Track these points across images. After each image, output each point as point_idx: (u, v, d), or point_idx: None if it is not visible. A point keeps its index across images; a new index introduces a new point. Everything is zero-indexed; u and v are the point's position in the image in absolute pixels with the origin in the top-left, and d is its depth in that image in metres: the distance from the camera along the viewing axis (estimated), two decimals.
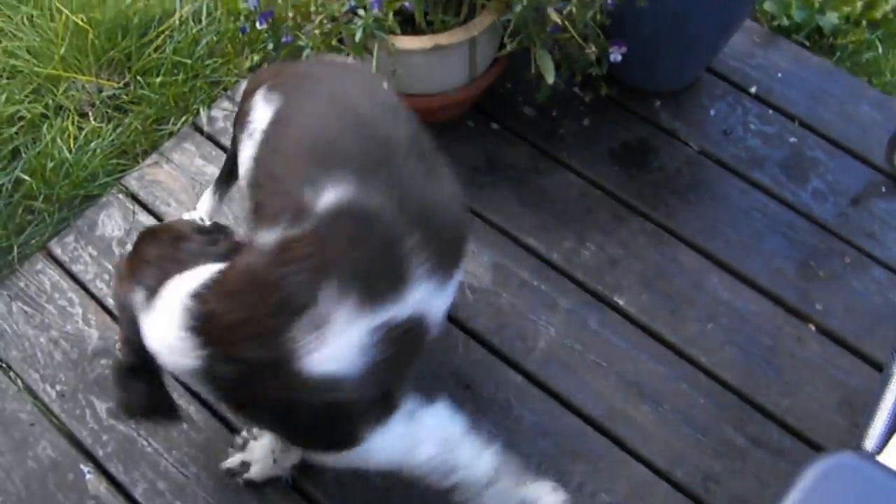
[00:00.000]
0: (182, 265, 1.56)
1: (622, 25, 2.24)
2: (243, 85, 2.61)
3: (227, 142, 2.53)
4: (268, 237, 1.49)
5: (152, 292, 1.53)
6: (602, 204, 2.38)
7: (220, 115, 2.59)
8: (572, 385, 2.11)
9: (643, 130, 2.51)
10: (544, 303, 2.22)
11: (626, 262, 2.29)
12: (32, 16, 2.81)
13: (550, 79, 2.21)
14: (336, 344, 1.41)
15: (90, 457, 2.07)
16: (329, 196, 1.48)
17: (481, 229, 2.34)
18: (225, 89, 2.65)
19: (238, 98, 2.57)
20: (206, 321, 1.45)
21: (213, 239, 1.64)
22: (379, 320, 1.45)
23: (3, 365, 2.20)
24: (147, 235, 1.68)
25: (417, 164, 1.59)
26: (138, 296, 1.56)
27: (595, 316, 2.20)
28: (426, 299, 1.52)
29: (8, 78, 2.68)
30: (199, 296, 1.47)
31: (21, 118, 2.59)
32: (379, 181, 1.51)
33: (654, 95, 2.56)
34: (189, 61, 2.63)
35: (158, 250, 1.61)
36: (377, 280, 1.47)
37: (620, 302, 2.22)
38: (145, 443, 2.06)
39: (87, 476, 2.04)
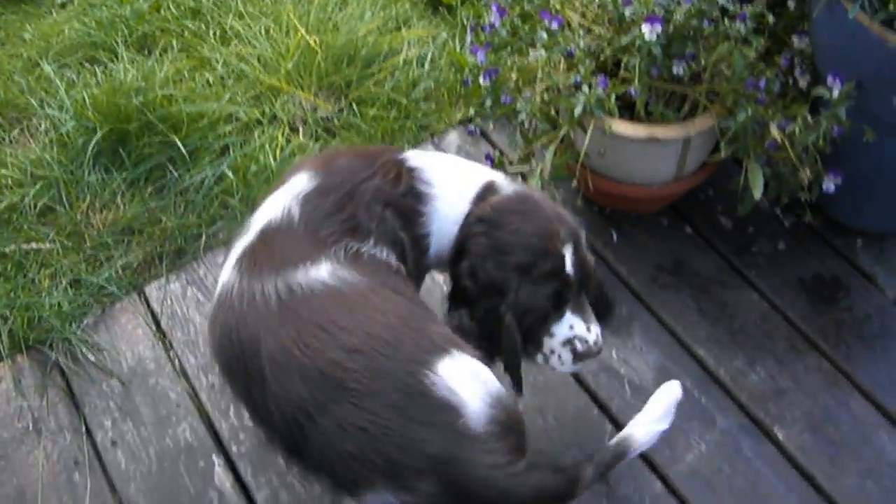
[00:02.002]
0: None
1: (842, 155, 2.18)
2: (451, 134, 2.68)
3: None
4: None
5: None
6: (781, 331, 2.30)
7: None
8: None
9: (839, 267, 2.42)
10: (701, 417, 2.15)
11: (794, 396, 2.19)
12: (269, 28, 2.97)
13: (758, 194, 2.17)
14: None
15: (224, 451, 2.12)
16: None
17: (653, 328, 2.30)
18: (432, 135, 2.72)
19: (443, 146, 2.64)
20: None
21: None
22: None
23: (167, 342, 2.30)
24: None
25: None
26: None
27: (750, 442, 2.11)
28: None
29: (235, 80, 2.82)
30: None
31: (237, 119, 2.73)
32: None
33: (858, 233, 2.47)
34: (404, 101, 2.71)
35: None
36: None
37: (780, 435, 2.12)
38: None
39: (217, 468, 2.10)
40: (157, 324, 2.34)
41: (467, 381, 1.53)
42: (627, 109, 2.21)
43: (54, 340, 2.31)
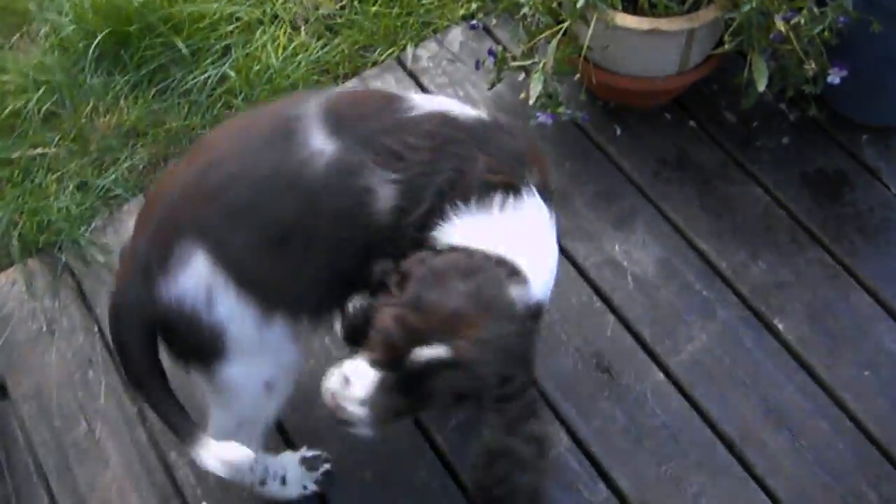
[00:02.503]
0: None
1: (848, 48, 2.15)
2: (454, 30, 2.66)
3: (427, 82, 2.59)
4: None
5: None
6: (784, 225, 2.31)
7: (424, 55, 2.64)
8: (712, 396, 2.07)
9: (843, 162, 2.42)
10: (703, 309, 2.19)
11: (794, 289, 2.22)
12: None
13: (762, 87, 2.15)
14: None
15: None
16: None
17: (655, 221, 2.32)
18: (435, 31, 2.70)
19: (446, 43, 2.62)
20: None
21: None
22: None
23: None
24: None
25: None
26: None
27: (751, 334, 2.15)
28: None
29: None
30: None
31: (238, 19, 2.71)
32: None
33: (863, 128, 2.46)
34: None
35: None
36: None
37: (780, 326, 2.16)
38: None
39: None
40: None
41: None
42: (631, 2, 2.19)
43: (64, 243, 2.34)
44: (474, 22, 2.57)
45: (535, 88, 2.17)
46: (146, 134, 2.52)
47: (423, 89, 2.55)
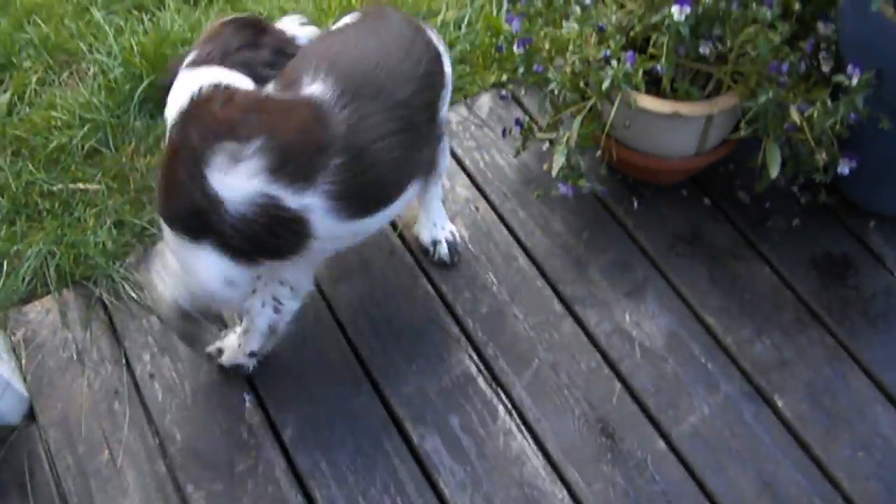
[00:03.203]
0: (227, 61, 1.98)
1: (859, 139, 2.25)
2: (483, 96, 2.77)
3: (455, 145, 2.69)
4: (270, 88, 1.94)
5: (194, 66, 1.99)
6: (789, 304, 2.39)
7: (454, 118, 2.75)
8: (710, 467, 2.14)
9: (850, 246, 2.51)
10: (707, 381, 2.26)
11: (796, 367, 2.29)
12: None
13: (774, 173, 2.25)
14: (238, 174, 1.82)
15: (254, 389, 2.27)
16: (311, 88, 1.86)
17: (666, 294, 2.41)
18: (465, 97, 2.81)
19: (475, 108, 2.73)
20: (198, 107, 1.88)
21: (270, 63, 2.02)
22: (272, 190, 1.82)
23: None
24: (244, 22, 2.09)
25: (398, 119, 1.92)
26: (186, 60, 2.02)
27: (751, 409, 2.22)
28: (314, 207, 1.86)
29: None
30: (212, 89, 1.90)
31: None
32: (354, 106, 1.86)
33: (871, 215, 2.55)
34: None
35: (230, 37, 2.03)
36: (288, 162, 1.82)
37: (780, 403, 2.23)
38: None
39: (247, 405, 2.24)
40: None
41: None
42: (654, 84, 2.29)
43: (98, 277, 2.44)
44: (504, 92, 2.69)
45: (559, 160, 2.27)
46: None
47: (451, 152, 2.64)
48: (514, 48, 2.34)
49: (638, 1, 2.29)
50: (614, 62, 2.18)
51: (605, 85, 2.17)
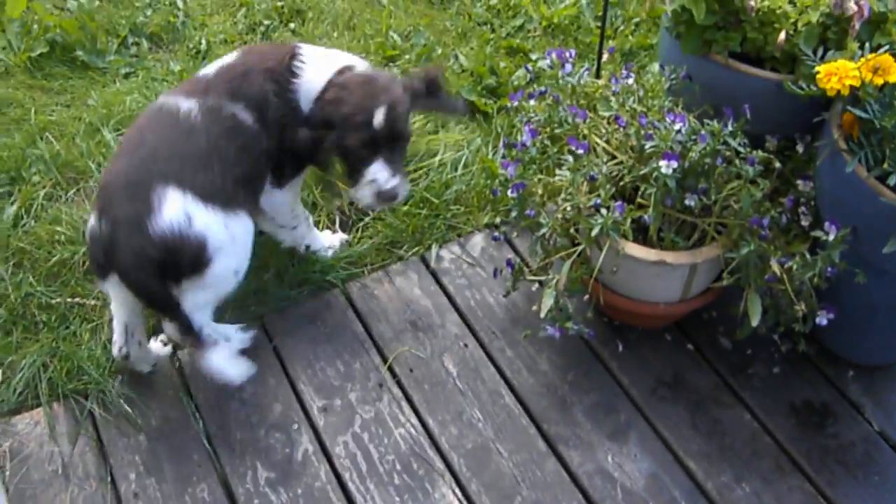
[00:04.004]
0: None
1: (837, 292, 2.34)
2: (477, 236, 2.86)
3: (447, 282, 2.78)
4: None
5: None
6: (769, 452, 2.43)
7: (447, 256, 2.84)
8: None
9: (829, 395, 2.56)
10: None
11: None
12: None
13: (755, 322, 2.32)
14: None
15: None
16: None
17: (648, 437, 2.44)
18: (459, 235, 2.91)
19: (468, 247, 2.82)
20: None
21: None
22: None
23: (195, 404, 2.47)
24: None
25: None
26: None
27: None
28: None
29: None
30: None
31: None
32: None
33: (850, 365, 2.61)
34: (436, 201, 2.91)
35: None
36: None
37: None
38: None
39: None
40: (187, 387, 2.50)
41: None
42: (641, 233, 2.39)
43: (90, 391, 2.46)
44: (497, 234, 2.79)
45: (547, 302, 2.34)
46: None
47: (443, 288, 2.74)
48: (509, 192, 2.43)
49: (628, 153, 2.40)
50: (604, 210, 2.27)
51: (595, 232, 2.26)
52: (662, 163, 2.24)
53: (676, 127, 2.29)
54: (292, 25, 3.82)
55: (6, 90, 3.40)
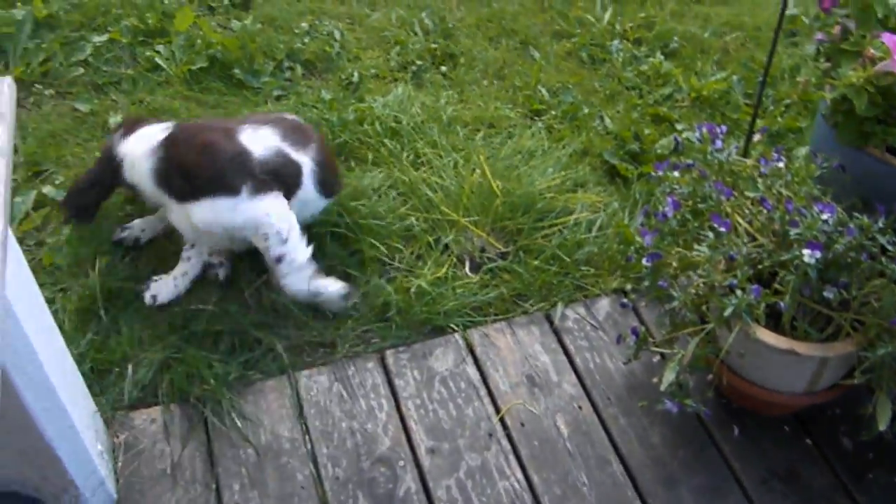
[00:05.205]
0: None
1: None
2: (603, 300, 2.85)
3: (568, 341, 2.77)
4: None
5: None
6: None
7: (572, 315, 2.83)
8: None
9: None
10: None
11: None
12: (458, 163, 3.25)
13: (883, 426, 2.24)
14: None
15: None
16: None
17: None
18: (585, 297, 2.90)
19: (594, 309, 2.81)
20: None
21: None
22: None
23: (305, 426, 2.50)
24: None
25: None
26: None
27: None
28: None
29: (418, 202, 3.08)
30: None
31: (408, 230, 3.01)
32: None
33: None
34: (567, 259, 2.92)
35: None
36: None
37: None
38: None
39: None
40: (300, 408, 2.55)
41: None
42: (773, 318, 2.33)
43: (206, 399, 2.53)
44: (625, 300, 2.77)
45: (669, 377, 2.31)
46: (301, 326, 2.75)
47: (564, 347, 2.73)
48: (643, 260, 2.42)
49: (769, 237, 2.37)
50: (739, 292, 2.24)
51: (727, 312, 2.22)
52: (806, 251, 2.19)
53: (824, 217, 2.25)
54: (443, 68, 3.91)
55: (164, 98, 3.57)
